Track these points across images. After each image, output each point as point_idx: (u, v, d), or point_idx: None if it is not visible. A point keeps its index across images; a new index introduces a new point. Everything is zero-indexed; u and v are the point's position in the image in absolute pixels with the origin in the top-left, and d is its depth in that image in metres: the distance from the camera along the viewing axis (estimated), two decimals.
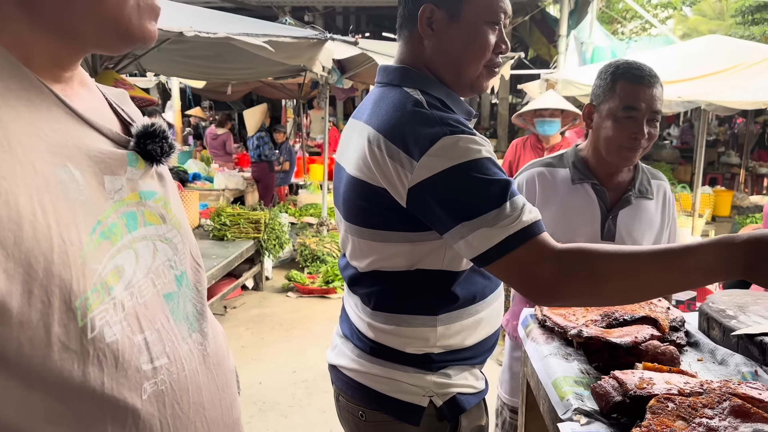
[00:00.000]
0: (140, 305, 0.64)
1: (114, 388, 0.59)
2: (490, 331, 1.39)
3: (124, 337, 0.61)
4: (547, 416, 1.32)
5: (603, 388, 1.11)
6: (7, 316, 0.52)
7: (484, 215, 1.08)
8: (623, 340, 1.24)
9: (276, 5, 10.12)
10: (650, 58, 6.62)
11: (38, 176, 0.56)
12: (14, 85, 0.58)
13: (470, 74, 1.27)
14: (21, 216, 0.53)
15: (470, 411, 1.35)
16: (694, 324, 1.53)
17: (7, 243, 0.51)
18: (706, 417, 0.96)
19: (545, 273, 1.06)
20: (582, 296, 1.11)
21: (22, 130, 0.56)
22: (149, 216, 0.69)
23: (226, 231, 5.28)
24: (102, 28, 0.63)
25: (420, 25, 1.25)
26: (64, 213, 0.57)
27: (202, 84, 8.90)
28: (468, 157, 1.11)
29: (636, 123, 1.67)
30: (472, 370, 1.37)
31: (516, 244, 1.07)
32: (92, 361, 0.58)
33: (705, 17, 18.13)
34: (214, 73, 5.98)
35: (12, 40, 0.59)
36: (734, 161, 11.42)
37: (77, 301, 0.56)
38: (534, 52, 12.52)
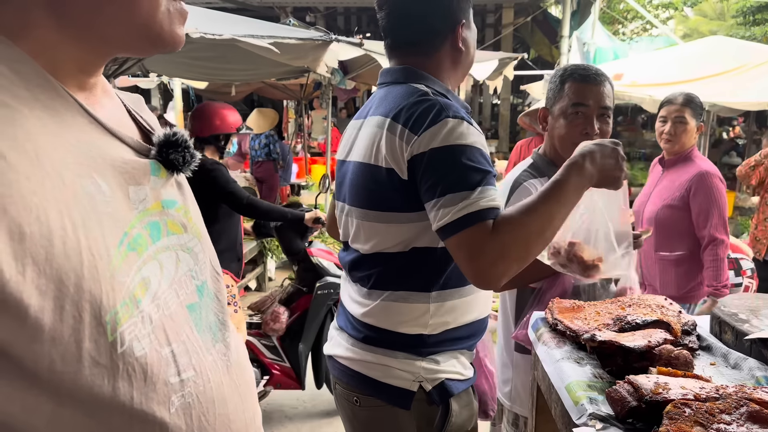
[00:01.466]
0: (166, 317, 0.64)
1: (143, 402, 0.59)
2: (479, 316, 1.45)
3: (152, 350, 0.61)
4: (559, 420, 1.32)
5: (618, 392, 1.11)
6: (39, 332, 0.52)
7: (457, 193, 1.20)
8: (637, 344, 1.24)
9: (277, 6, 10.12)
10: (652, 59, 6.63)
11: (67, 190, 0.55)
12: (41, 95, 0.57)
13: (463, 74, 1.48)
14: (51, 231, 0.53)
15: (459, 396, 1.40)
16: (706, 327, 1.53)
17: (39, 259, 0.51)
18: (723, 423, 0.95)
19: (489, 253, 1.17)
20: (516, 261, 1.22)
21: (50, 142, 0.56)
22: (171, 225, 0.69)
23: None
24: (133, 34, 0.62)
25: (458, 39, 1.40)
26: (93, 226, 0.57)
27: (204, 85, 8.90)
28: (463, 141, 1.23)
29: (586, 119, 1.76)
30: (460, 357, 1.42)
31: (469, 223, 1.18)
32: (122, 375, 0.57)
33: (706, 18, 18.09)
34: (217, 74, 5.98)
35: (38, 46, 0.58)
36: (736, 162, 11.42)
37: (107, 316, 0.56)
38: (535, 53, 12.52)
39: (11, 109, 0.54)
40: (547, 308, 1.59)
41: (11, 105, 0.54)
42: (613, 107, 1.81)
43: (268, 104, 15.99)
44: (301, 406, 3.64)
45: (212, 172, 2.95)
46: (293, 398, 3.73)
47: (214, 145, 3.18)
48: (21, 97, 0.55)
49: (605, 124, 1.77)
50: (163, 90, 9.28)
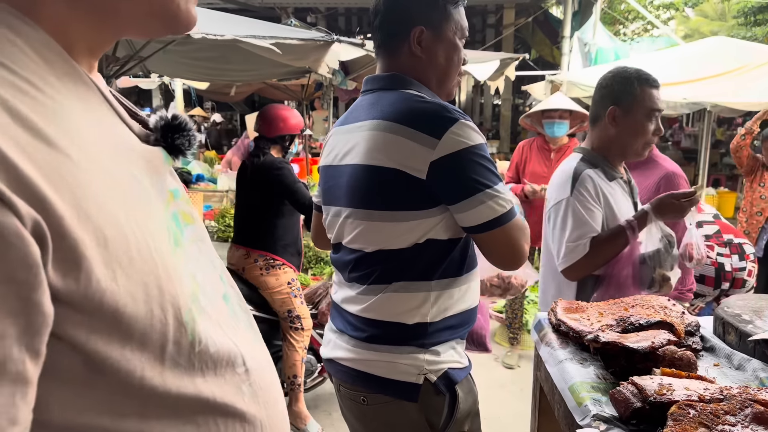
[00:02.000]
0: (216, 311, 0.63)
1: (223, 396, 0.59)
2: (471, 305, 1.49)
3: (222, 344, 0.61)
4: (562, 421, 1.32)
5: (622, 394, 1.11)
6: (131, 340, 0.50)
7: (486, 190, 1.32)
8: (641, 345, 1.24)
9: (279, 6, 10.13)
10: (654, 59, 6.62)
11: (119, 186, 0.53)
12: (69, 83, 0.53)
13: (449, 83, 1.51)
14: (126, 234, 0.50)
15: (462, 383, 1.44)
16: (709, 328, 1.53)
17: (124, 264, 0.49)
18: (728, 424, 0.95)
19: (525, 246, 1.40)
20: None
21: (92, 134, 0.52)
22: (184, 216, 0.66)
23: (230, 233, 5.28)
24: (149, 12, 0.58)
25: (412, 43, 1.43)
26: (149, 224, 0.54)
27: (205, 85, 8.91)
28: (477, 141, 1.33)
29: (657, 121, 1.97)
30: (456, 347, 1.47)
31: (507, 219, 1.35)
32: (203, 373, 0.57)
33: (707, 18, 18.09)
34: (218, 74, 5.97)
35: (53, 26, 0.53)
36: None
37: (186, 316, 0.55)
38: (536, 54, 12.52)
39: (53, 99, 0.50)
40: (550, 309, 1.59)
41: (50, 95, 0.50)
42: None
43: None
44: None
45: (280, 170, 3.14)
46: None
47: (280, 144, 3.33)
48: (56, 88, 0.51)
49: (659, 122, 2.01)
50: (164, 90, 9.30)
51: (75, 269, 0.45)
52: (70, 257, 0.45)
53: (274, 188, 3.14)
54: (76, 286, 0.46)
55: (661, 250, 1.86)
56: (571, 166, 2.01)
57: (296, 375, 3.25)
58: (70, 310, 0.46)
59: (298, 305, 3.25)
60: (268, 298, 3.25)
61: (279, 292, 3.21)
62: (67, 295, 0.45)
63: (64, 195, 0.45)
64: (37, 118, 0.46)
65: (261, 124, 3.32)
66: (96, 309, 0.47)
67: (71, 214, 0.45)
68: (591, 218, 1.90)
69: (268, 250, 3.20)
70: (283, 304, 3.23)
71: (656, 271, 1.87)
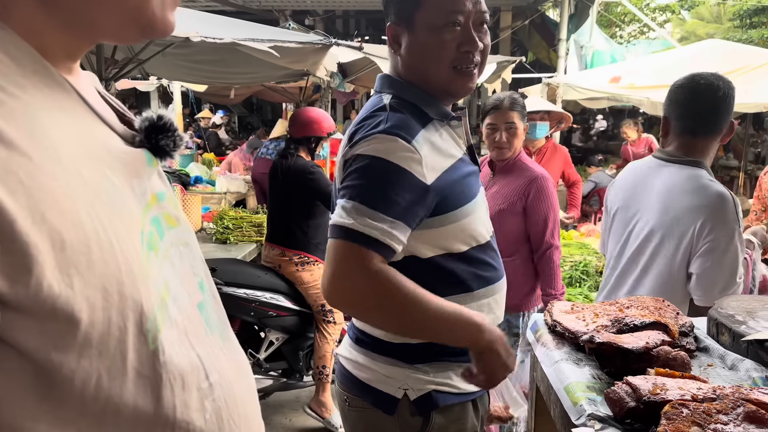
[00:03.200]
0: (186, 320, 0.61)
1: (184, 412, 0.57)
2: None
3: (185, 356, 0.58)
4: (558, 421, 1.33)
5: (617, 393, 1.12)
6: (88, 347, 0.48)
7: (357, 204, 1.18)
8: (635, 346, 1.26)
9: (277, 9, 10.15)
10: (650, 62, 6.65)
11: (88, 188, 0.51)
12: (39, 83, 0.51)
13: (437, 79, 1.31)
14: (87, 236, 0.48)
15: (447, 409, 1.35)
16: (703, 329, 1.54)
17: (82, 268, 0.47)
18: (720, 423, 0.97)
19: (355, 278, 1.17)
20: (357, 313, 1.29)
21: (61, 135, 0.51)
22: (168, 219, 0.64)
23: (228, 234, 5.28)
24: (123, 20, 0.57)
25: (389, 43, 1.35)
26: (118, 227, 0.52)
27: (204, 88, 8.91)
28: (387, 156, 1.20)
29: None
30: (458, 369, 1.34)
31: (356, 240, 1.16)
32: (165, 385, 0.54)
33: (703, 21, 18.16)
34: (217, 77, 5.99)
35: (25, 28, 0.52)
36: (733, 164, 11.45)
37: (148, 324, 0.53)
38: (533, 56, 12.55)
39: (18, 99, 0.48)
40: (546, 310, 1.61)
41: (16, 95, 0.48)
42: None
43: (267, 107, 16.01)
44: (300, 408, 3.65)
45: (313, 174, 3.26)
46: (292, 396, 3.74)
47: (306, 146, 3.41)
48: (23, 86, 0.49)
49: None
50: (162, 93, 9.30)
51: (25, 274, 0.44)
52: (20, 262, 0.43)
53: (307, 192, 3.26)
54: (26, 292, 0.44)
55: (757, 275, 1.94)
56: (720, 191, 1.81)
57: (325, 366, 3.34)
58: (18, 315, 0.44)
59: None
60: (303, 293, 3.38)
61: (314, 287, 3.34)
62: (15, 300, 0.44)
63: (18, 197, 0.44)
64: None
65: (292, 125, 3.43)
66: (48, 315, 0.45)
67: (24, 216, 0.44)
68: None
69: (301, 249, 3.34)
70: (317, 298, 3.35)
71: None
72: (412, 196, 1.21)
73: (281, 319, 3.35)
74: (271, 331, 3.37)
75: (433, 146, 1.28)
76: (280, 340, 3.40)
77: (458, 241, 1.32)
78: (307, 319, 3.44)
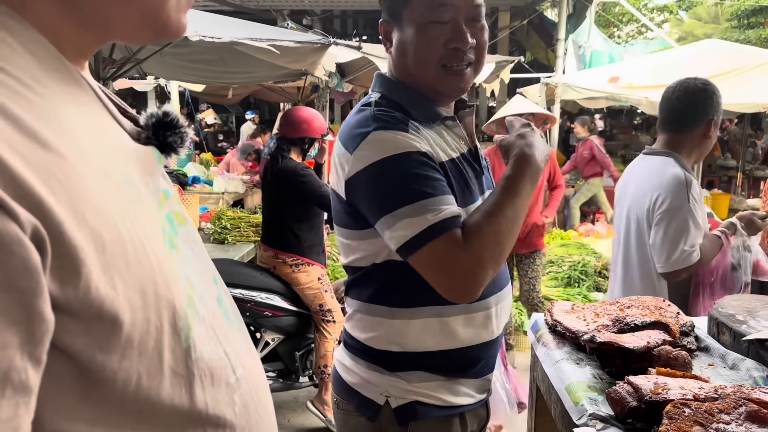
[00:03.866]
0: (211, 315, 0.61)
1: (215, 407, 0.57)
2: (461, 343, 1.28)
3: (213, 352, 0.58)
4: (559, 421, 1.33)
5: (618, 393, 1.12)
6: (130, 348, 0.48)
7: (405, 207, 1.13)
8: (636, 345, 1.25)
9: (274, 9, 10.14)
10: (648, 62, 6.66)
11: (115, 187, 0.50)
12: (60, 80, 0.51)
13: (426, 77, 1.26)
14: (122, 236, 0.48)
15: (427, 423, 1.28)
16: (704, 329, 1.54)
17: (121, 269, 0.47)
18: (722, 422, 0.97)
19: (462, 263, 1.11)
20: (492, 265, 1.16)
21: (85, 133, 0.50)
22: (177, 216, 0.63)
23: (227, 234, 5.28)
24: (139, 21, 0.57)
25: (383, 41, 1.32)
26: (145, 226, 0.52)
27: (201, 87, 8.90)
28: (395, 151, 1.16)
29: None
30: (446, 382, 1.28)
31: (432, 236, 1.11)
32: (197, 382, 0.55)
33: (700, 21, 18.20)
34: (214, 77, 5.98)
35: (40, 24, 0.51)
36: (731, 164, 11.48)
37: (181, 322, 0.53)
38: (532, 56, 12.56)
39: (44, 98, 0.47)
40: (546, 310, 1.61)
41: (42, 93, 0.47)
42: None
43: (265, 107, 16.00)
44: (299, 407, 3.64)
45: (304, 177, 3.21)
46: (290, 396, 3.74)
47: (299, 146, 3.39)
48: (46, 84, 0.49)
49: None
50: (159, 92, 9.29)
51: (74, 276, 0.44)
52: (69, 264, 0.43)
53: (299, 195, 3.21)
54: (75, 294, 0.44)
55: (746, 258, 1.96)
56: (676, 172, 2.04)
57: (326, 365, 3.32)
58: (68, 317, 0.44)
59: (329, 299, 3.35)
60: (300, 294, 3.36)
61: (310, 287, 3.32)
62: (65, 302, 0.43)
63: (61, 199, 0.43)
64: (31, 120, 0.44)
65: (283, 125, 3.39)
66: (95, 317, 0.45)
67: (69, 218, 0.43)
68: (702, 223, 2.02)
69: (294, 252, 3.31)
70: (315, 299, 3.33)
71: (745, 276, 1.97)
72: (434, 172, 1.18)
73: (277, 319, 3.33)
74: (267, 332, 3.35)
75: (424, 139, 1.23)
76: (275, 341, 3.38)
77: None
78: (304, 319, 3.41)
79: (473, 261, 1.12)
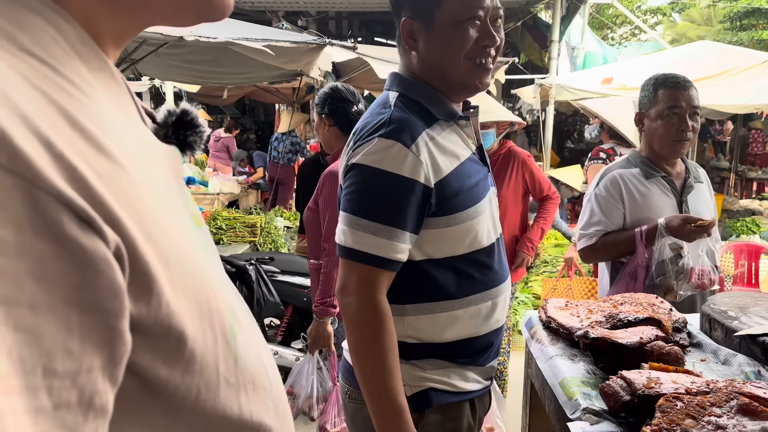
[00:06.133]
0: (246, 321, 0.59)
1: (257, 413, 0.56)
2: (470, 333, 1.33)
3: (253, 358, 0.56)
4: (553, 416, 1.34)
5: (611, 387, 1.13)
6: (192, 363, 0.47)
7: (356, 217, 1.22)
8: (629, 341, 1.27)
9: (270, 10, 10.13)
10: (642, 63, 6.69)
11: (162, 196, 0.48)
12: (104, 80, 0.48)
13: (455, 73, 1.30)
14: (178, 249, 0.46)
15: (442, 408, 1.33)
16: (696, 325, 1.56)
17: (182, 284, 0.46)
18: (714, 415, 0.98)
19: (352, 303, 1.23)
20: (345, 324, 1.27)
21: (131, 139, 0.48)
22: (196, 219, 0.60)
23: (222, 235, 5.28)
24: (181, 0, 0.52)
25: (404, 39, 1.32)
26: (187, 234, 0.50)
27: (196, 88, 8.88)
28: (383, 166, 1.22)
29: (681, 119, 2.01)
30: (457, 369, 1.33)
31: (359, 259, 1.22)
32: (243, 390, 0.53)
33: (693, 23, 18.29)
34: (210, 77, 5.97)
35: (82, 16, 0.47)
36: (724, 165, 11.54)
37: (228, 332, 0.51)
38: (526, 57, 12.60)
39: (96, 102, 0.45)
40: (541, 306, 1.62)
41: (92, 96, 0.45)
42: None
43: (260, 108, 15.98)
44: None
45: None
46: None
47: None
48: (93, 87, 0.46)
49: (696, 122, 2.06)
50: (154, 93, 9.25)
51: (147, 293, 0.42)
52: (142, 281, 0.41)
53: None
54: (147, 311, 0.42)
55: (666, 261, 1.92)
56: (607, 167, 2.19)
57: None
58: (138, 335, 0.42)
59: None
60: None
61: None
62: (138, 320, 0.42)
63: (130, 213, 0.41)
64: (92, 127, 0.41)
65: None
66: (163, 333, 0.44)
67: (138, 233, 0.41)
68: (607, 215, 2.06)
69: None
70: None
71: (659, 279, 1.91)
72: (412, 202, 1.22)
73: None
74: None
75: (438, 147, 1.27)
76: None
77: (459, 245, 1.29)
78: None
79: (356, 310, 1.23)
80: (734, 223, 7.47)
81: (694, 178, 2.15)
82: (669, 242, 1.92)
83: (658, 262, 1.91)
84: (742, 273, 4.92)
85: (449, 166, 1.28)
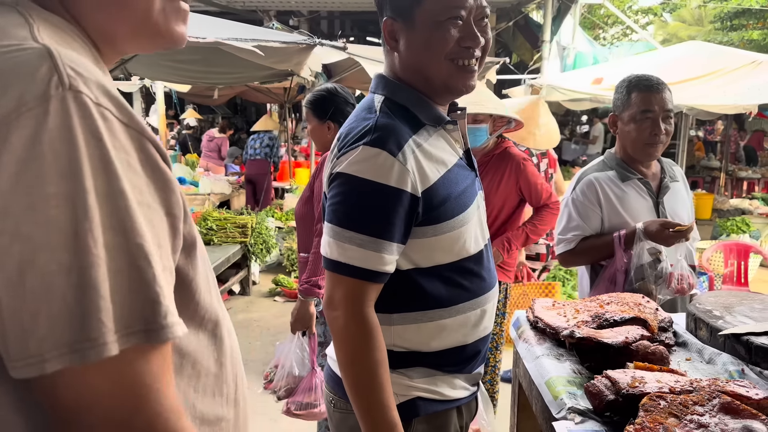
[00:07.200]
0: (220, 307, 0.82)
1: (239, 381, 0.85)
2: (458, 342, 1.31)
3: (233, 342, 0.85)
4: (540, 416, 1.35)
5: (596, 387, 1.14)
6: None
7: (342, 229, 1.19)
8: (615, 341, 1.27)
9: (261, 9, 10.11)
10: (633, 63, 6.72)
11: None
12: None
13: (437, 75, 1.26)
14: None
15: (429, 418, 1.30)
16: (682, 324, 1.57)
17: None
18: (697, 414, 0.99)
19: (339, 317, 1.20)
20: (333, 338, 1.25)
21: None
22: None
23: (212, 235, 5.26)
24: (134, 31, 0.66)
25: (385, 39, 1.29)
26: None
27: (187, 88, 8.86)
28: (368, 176, 1.18)
29: (653, 123, 1.99)
30: (444, 377, 1.31)
31: (345, 272, 1.19)
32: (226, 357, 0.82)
33: (684, 23, 18.41)
34: (200, 77, 5.96)
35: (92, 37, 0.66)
36: (714, 165, 11.61)
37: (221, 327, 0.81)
38: (517, 58, 12.62)
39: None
40: (528, 307, 1.62)
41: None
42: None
43: (252, 108, 15.95)
44: None
45: None
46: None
47: None
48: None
49: (669, 125, 2.02)
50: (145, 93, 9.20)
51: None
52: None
53: None
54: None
55: (645, 266, 1.91)
56: (583, 170, 2.19)
57: None
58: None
59: None
60: None
61: None
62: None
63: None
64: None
65: None
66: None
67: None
68: (584, 219, 2.05)
69: None
70: None
71: (638, 284, 1.90)
72: (399, 212, 1.19)
73: None
74: None
75: (424, 154, 1.24)
76: None
77: (446, 253, 1.27)
78: None
79: (335, 330, 1.22)
80: (724, 222, 7.51)
81: (670, 177, 2.14)
82: (647, 247, 1.91)
83: (637, 266, 1.91)
84: (732, 272, 4.95)
85: (436, 174, 1.24)
